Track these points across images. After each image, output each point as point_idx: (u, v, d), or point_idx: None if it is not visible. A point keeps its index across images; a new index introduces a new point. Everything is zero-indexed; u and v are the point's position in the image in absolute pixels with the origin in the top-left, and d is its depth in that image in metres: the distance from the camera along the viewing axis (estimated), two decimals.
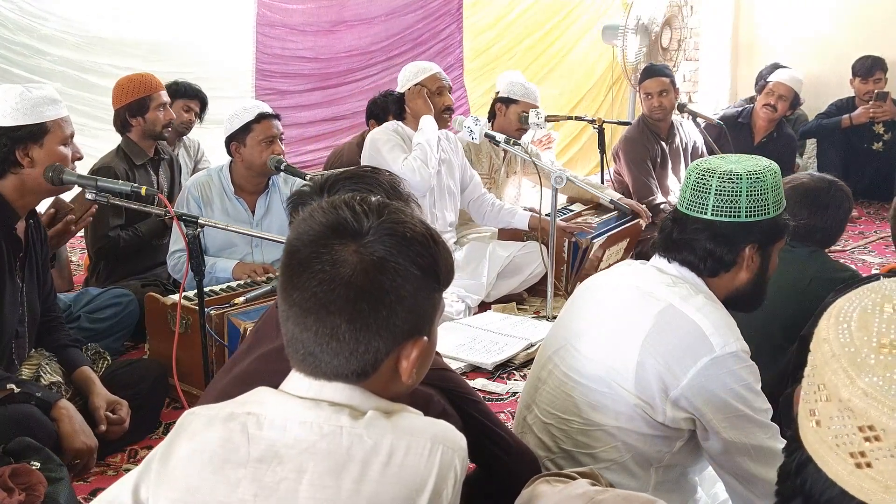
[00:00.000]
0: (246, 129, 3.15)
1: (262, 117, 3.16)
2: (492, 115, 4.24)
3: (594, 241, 3.90)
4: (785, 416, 1.84)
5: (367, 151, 3.67)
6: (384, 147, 3.61)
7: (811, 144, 6.06)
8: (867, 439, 0.67)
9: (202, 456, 1.04)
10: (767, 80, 5.22)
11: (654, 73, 4.58)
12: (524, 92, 4.21)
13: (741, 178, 1.64)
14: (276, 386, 1.09)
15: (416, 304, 1.02)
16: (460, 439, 1.06)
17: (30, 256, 2.33)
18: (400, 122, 3.77)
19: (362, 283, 0.99)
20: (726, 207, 1.66)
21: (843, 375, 0.69)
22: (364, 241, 1.01)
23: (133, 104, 3.36)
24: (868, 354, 0.68)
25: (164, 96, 3.44)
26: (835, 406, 0.70)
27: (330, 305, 1.00)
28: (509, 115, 4.18)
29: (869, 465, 0.68)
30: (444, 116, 3.74)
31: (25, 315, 2.32)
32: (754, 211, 1.65)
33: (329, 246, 1.01)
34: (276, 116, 3.22)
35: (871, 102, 5.61)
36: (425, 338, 1.06)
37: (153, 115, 3.37)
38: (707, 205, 1.67)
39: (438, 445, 1.02)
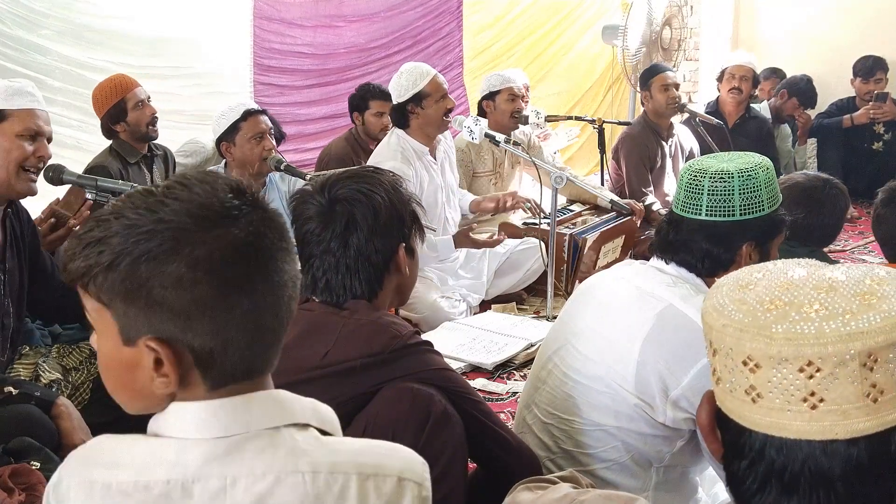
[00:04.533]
0: (234, 128, 3.14)
1: (248, 114, 3.15)
2: (481, 115, 4.23)
3: (586, 237, 3.90)
4: None
5: None
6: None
7: (811, 144, 6.07)
8: (810, 376, 0.72)
9: None
10: (724, 68, 5.29)
11: (665, 68, 4.64)
12: (502, 80, 4.23)
13: (733, 177, 1.64)
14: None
15: None
16: (423, 469, 0.97)
17: (13, 247, 2.29)
18: (402, 133, 3.66)
19: None
20: (720, 207, 1.66)
21: (761, 338, 0.74)
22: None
23: (111, 111, 3.32)
24: (764, 315, 0.75)
25: (140, 93, 3.35)
26: (769, 367, 0.74)
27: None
28: (498, 106, 4.19)
29: (822, 399, 0.72)
30: (445, 120, 3.67)
31: (11, 307, 2.30)
32: (749, 209, 1.65)
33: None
34: (264, 112, 3.21)
35: (871, 103, 5.62)
36: None
37: (133, 115, 3.31)
38: (701, 205, 1.67)
39: (407, 482, 0.93)
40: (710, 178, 1.65)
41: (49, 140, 2.26)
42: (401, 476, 0.93)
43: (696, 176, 1.68)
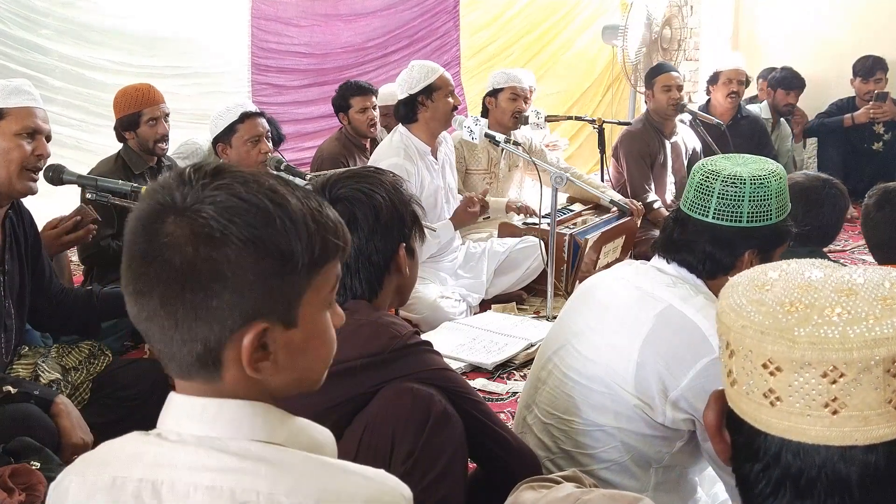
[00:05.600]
0: (230, 129, 3.12)
1: (245, 116, 3.13)
2: (485, 112, 4.25)
3: (587, 237, 3.90)
4: None
5: None
6: None
7: (811, 144, 6.07)
8: (833, 381, 0.71)
9: None
10: (718, 71, 5.28)
11: (670, 69, 4.65)
12: (507, 78, 4.25)
13: (745, 183, 1.62)
14: None
15: (247, 285, 0.84)
16: (396, 499, 0.91)
17: (12, 248, 2.28)
18: (406, 131, 3.66)
19: (171, 258, 0.83)
20: (728, 212, 1.64)
21: (784, 341, 0.73)
22: (185, 212, 0.84)
23: (125, 119, 3.31)
24: (785, 317, 0.74)
25: (158, 111, 3.34)
26: (790, 371, 0.73)
27: (147, 287, 0.86)
28: (499, 104, 4.21)
29: (843, 405, 0.72)
30: (451, 115, 3.68)
31: (12, 308, 2.30)
32: (756, 217, 1.64)
33: (155, 227, 0.86)
34: (261, 114, 3.19)
35: (871, 103, 5.62)
36: (264, 324, 0.86)
37: (143, 130, 3.30)
38: (709, 207, 1.66)
39: None
40: (722, 181, 1.64)
41: (48, 139, 2.25)
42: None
43: (707, 177, 1.66)
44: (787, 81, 5.71)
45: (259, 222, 0.84)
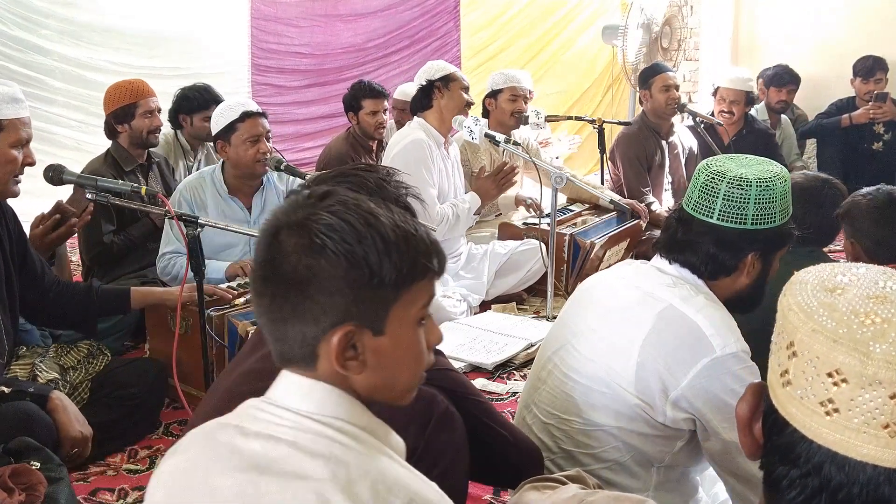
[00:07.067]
0: (230, 128, 3.11)
1: (246, 116, 3.11)
2: (485, 114, 4.27)
3: (596, 241, 3.90)
4: None
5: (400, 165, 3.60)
6: (415, 174, 3.48)
7: (811, 144, 6.06)
8: None
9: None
10: (717, 85, 5.10)
11: (667, 68, 4.61)
12: (506, 79, 4.27)
13: (751, 185, 1.61)
14: None
15: (338, 291, 0.98)
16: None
17: None
18: (421, 119, 3.73)
19: (280, 264, 0.99)
20: (733, 214, 1.63)
21: (857, 354, 0.70)
22: (294, 226, 1.00)
23: (119, 111, 3.33)
24: (860, 329, 0.71)
25: (153, 103, 3.39)
26: (857, 385, 0.70)
27: (263, 288, 1.02)
28: (499, 105, 4.22)
29: None
30: (464, 110, 3.76)
31: (2, 311, 2.30)
32: (761, 219, 1.63)
33: (272, 239, 1.02)
34: (262, 114, 3.19)
35: (870, 103, 5.61)
36: (351, 327, 0.99)
37: (138, 121, 3.33)
38: (714, 209, 1.64)
39: None
40: (728, 182, 1.62)
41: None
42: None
43: (713, 178, 1.65)
44: (777, 78, 5.61)
45: (353, 239, 0.98)
